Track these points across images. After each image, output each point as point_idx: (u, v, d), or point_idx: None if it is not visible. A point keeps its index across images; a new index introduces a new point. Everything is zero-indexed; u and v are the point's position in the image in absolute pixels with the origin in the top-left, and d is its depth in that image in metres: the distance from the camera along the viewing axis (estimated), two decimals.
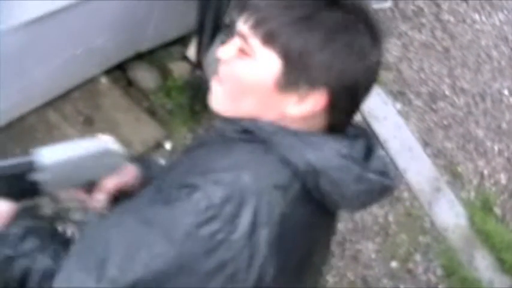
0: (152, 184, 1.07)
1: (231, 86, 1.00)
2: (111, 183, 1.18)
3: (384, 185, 0.98)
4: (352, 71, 0.95)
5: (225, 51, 1.01)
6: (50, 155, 1.09)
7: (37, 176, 1.07)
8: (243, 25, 0.97)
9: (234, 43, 1.00)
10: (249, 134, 0.98)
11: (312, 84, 0.95)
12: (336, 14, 0.94)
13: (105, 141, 1.17)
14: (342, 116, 1.00)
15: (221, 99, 1.02)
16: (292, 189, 0.94)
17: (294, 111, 0.97)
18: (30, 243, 1.01)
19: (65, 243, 1.02)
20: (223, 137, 1.03)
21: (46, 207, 1.13)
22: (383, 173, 0.98)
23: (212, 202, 0.90)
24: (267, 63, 0.96)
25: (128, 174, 1.22)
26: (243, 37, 0.97)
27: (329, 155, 0.93)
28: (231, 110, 1.01)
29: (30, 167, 1.07)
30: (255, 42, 0.96)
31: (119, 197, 1.19)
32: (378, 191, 0.98)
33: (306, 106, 0.96)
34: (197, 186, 0.92)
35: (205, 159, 1.01)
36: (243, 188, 0.91)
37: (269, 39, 0.95)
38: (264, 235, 0.91)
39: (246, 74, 0.98)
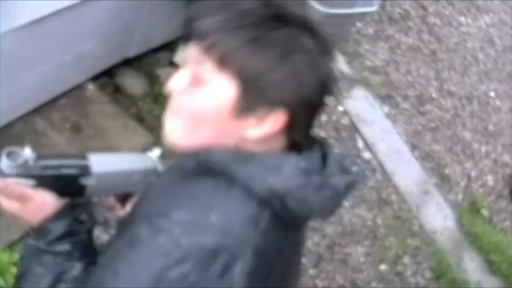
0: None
1: (187, 118, 0.97)
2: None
3: (347, 183, 0.98)
4: (307, 86, 0.94)
5: (176, 83, 0.98)
6: (102, 164, 1.12)
7: (86, 181, 1.10)
8: (194, 52, 0.94)
9: (185, 73, 0.97)
10: (206, 167, 0.96)
11: (270, 104, 0.94)
12: (285, 31, 0.92)
13: (153, 160, 1.19)
14: (302, 131, 0.99)
15: (178, 133, 0.99)
16: (262, 220, 0.93)
17: (253, 133, 0.95)
18: (63, 246, 1.06)
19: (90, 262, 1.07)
20: (183, 173, 1.00)
21: (83, 210, 1.15)
22: (343, 171, 0.99)
23: (180, 244, 0.88)
24: (222, 89, 0.93)
25: None
26: (195, 64, 0.95)
27: (289, 174, 0.93)
28: (188, 141, 0.98)
29: (84, 171, 1.10)
30: (208, 68, 0.93)
31: None
32: (343, 191, 0.98)
33: (265, 127, 0.95)
34: (162, 228, 0.90)
35: (169, 198, 0.98)
36: (212, 227, 0.90)
37: (222, 63, 0.92)
38: (238, 270, 0.89)
39: (201, 104, 0.95)
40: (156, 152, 1.22)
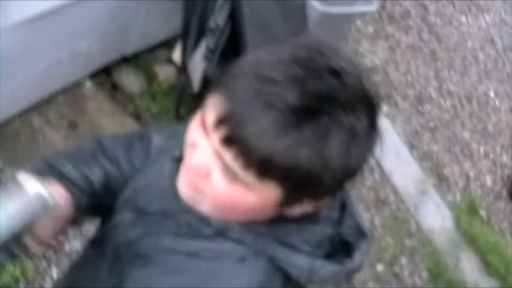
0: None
1: (215, 204, 0.88)
2: (44, 231, 1.01)
3: (365, 247, 0.97)
4: (358, 172, 0.86)
5: (201, 165, 0.85)
6: None
7: None
8: (232, 162, 0.82)
9: (211, 158, 0.84)
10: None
11: (318, 198, 0.87)
12: (339, 121, 0.80)
13: (34, 192, 0.95)
14: None
15: (205, 209, 0.91)
16: None
17: (293, 213, 0.90)
18: None
19: None
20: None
21: None
22: (357, 231, 0.96)
23: None
24: (265, 193, 0.84)
25: (61, 213, 1.03)
26: (232, 173, 0.83)
27: (318, 253, 0.92)
28: (214, 216, 0.91)
29: None
30: (249, 178, 0.82)
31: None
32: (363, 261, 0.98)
33: (306, 208, 0.89)
34: None
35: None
36: None
37: (266, 172, 0.81)
38: None
39: (239, 203, 0.85)
40: (35, 186, 0.96)
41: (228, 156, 0.81)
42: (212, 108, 0.83)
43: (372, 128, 0.85)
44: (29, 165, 1.10)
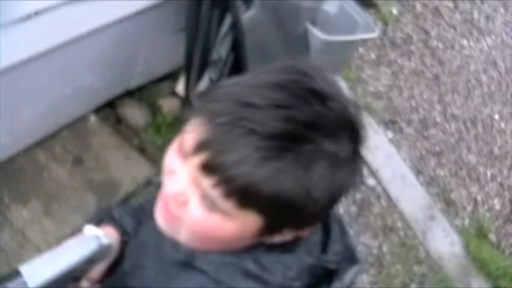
0: None
1: (194, 233, 0.85)
2: (97, 272, 1.07)
3: (353, 274, 0.93)
4: (343, 193, 0.83)
5: (178, 189, 0.83)
6: (38, 275, 0.97)
7: None
8: (210, 190, 0.79)
9: (193, 187, 0.81)
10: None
11: (299, 227, 0.84)
12: (322, 146, 0.77)
13: (95, 238, 1.05)
14: None
15: (182, 238, 0.88)
16: None
17: (272, 240, 0.86)
18: None
19: None
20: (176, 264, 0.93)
21: None
22: (346, 256, 0.92)
23: None
24: (245, 222, 0.81)
25: (112, 252, 1.09)
26: (211, 201, 0.80)
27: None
28: (190, 245, 0.88)
29: None
30: (229, 207, 0.79)
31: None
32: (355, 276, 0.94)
33: (287, 237, 0.86)
34: None
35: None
36: None
37: (246, 201, 0.78)
38: None
39: (217, 232, 0.82)
40: (93, 230, 1.07)
41: (207, 183, 0.79)
42: (190, 133, 0.81)
43: (355, 154, 0.82)
44: (91, 214, 1.20)
